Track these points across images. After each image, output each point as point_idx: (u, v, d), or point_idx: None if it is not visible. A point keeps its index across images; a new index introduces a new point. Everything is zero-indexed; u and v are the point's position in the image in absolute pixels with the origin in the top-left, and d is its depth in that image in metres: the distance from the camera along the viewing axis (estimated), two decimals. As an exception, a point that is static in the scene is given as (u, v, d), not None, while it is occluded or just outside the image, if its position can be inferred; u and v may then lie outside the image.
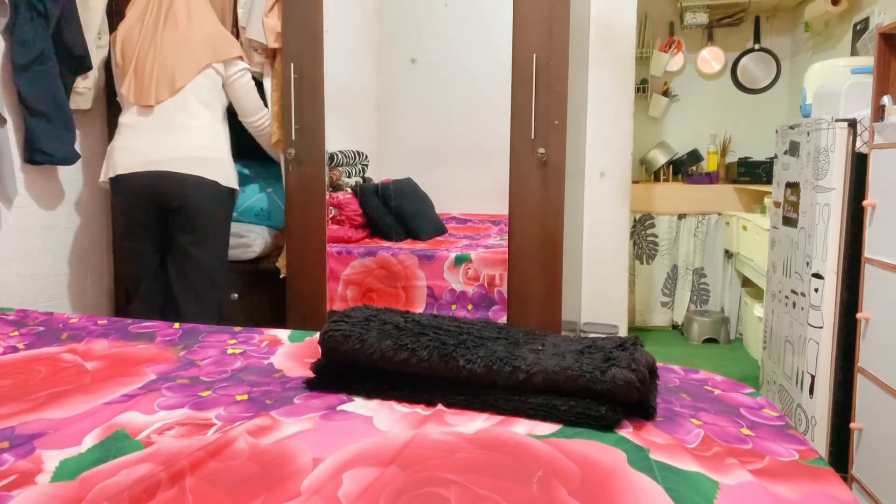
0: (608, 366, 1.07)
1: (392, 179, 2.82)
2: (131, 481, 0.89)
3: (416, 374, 1.17)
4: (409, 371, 1.18)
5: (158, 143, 2.20)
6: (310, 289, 2.42)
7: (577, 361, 1.10)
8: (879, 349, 1.79)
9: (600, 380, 1.06)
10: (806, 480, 0.92)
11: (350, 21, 2.86)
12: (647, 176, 4.11)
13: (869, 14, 2.94)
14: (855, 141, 2.01)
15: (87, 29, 2.35)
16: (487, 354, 1.14)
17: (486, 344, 1.18)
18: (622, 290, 2.79)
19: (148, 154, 2.19)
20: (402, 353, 1.17)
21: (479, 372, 1.13)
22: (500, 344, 1.19)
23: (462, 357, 1.14)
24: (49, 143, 2.22)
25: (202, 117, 2.25)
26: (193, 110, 2.23)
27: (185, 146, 2.20)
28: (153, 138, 2.21)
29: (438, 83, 2.91)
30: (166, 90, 2.21)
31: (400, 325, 1.24)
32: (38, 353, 1.51)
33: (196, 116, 2.24)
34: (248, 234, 2.58)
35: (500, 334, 1.24)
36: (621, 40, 2.69)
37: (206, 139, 2.25)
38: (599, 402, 1.06)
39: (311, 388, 1.25)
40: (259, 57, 2.42)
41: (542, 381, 1.10)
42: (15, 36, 2.11)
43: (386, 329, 1.22)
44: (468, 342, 1.18)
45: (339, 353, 1.23)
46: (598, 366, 1.08)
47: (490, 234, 2.79)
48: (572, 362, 1.10)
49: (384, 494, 0.85)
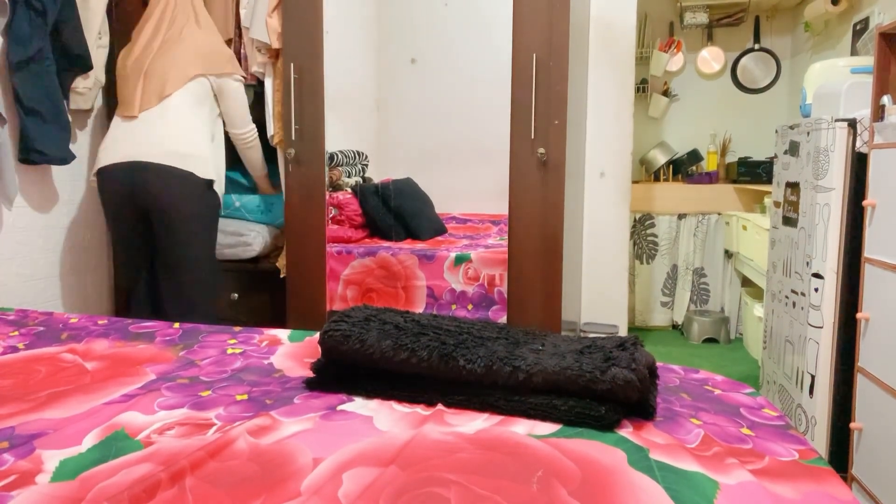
0: (608, 365, 1.07)
1: (392, 179, 2.82)
2: (131, 481, 0.89)
3: (416, 374, 1.18)
4: (408, 371, 1.18)
5: (138, 138, 2.23)
6: (310, 289, 2.42)
7: (577, 361, 1.10)
8: (879, 349, 1.79)
9: (600, 379, 1.05)
10: (806, 480, 0.92)
11: (350, 21, 2.86)
12: (647, 176, 4.11)
13: (869, 14, 2.94)
14: (855, 141, 2.01)
15: (87, 29, 2.35)
16: (487, 354, 1.14)
17: (486, 344, 1.18)
18: (622, 290, 2.79)
19: (126, 148, 2.23)
20: (402, 353, 1.17)
21: (479, 372, 1.13)
22: (500, 344, 1.19)
23: (462, 357, 1.14)
24: (44, 143, 2.21)
25: (186, 119, 2.27)
26: (179, 113, 2.26)
27: (163, 141, 2.22)
28: (135, 134, 2.24)
29: (438, 83, 2.91)
30: (155, 98, 2.24)
31: (400, 324, 1.24)
32: (38, 353, 1.51)
33: (180, 118, 2.26)
34: (247, 233, 2.58)
35: (500, 334, 1.24)
36: (621, 40, 2.69)
37: (185, 136, 2.26)
38: (599, 402, 1.06)
39: (311, 388, 1.25)
40: (262, 57, 2.43)
41: (542, 380, 1.10)
42: (12, 34, 2.11)
43: (386, 329, 1.22)
44: (468, 342, 1.18)
45: (338, 352, 1.23)
46: (598, 365, 1.08)
47: (490, 234, 2.79)
48: (572, 362, 1.10)
49: (384, 494, 0.85)
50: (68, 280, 2.49)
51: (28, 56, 2.13)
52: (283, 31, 2.35)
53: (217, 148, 2.37)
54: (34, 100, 2.18)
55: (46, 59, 2.19)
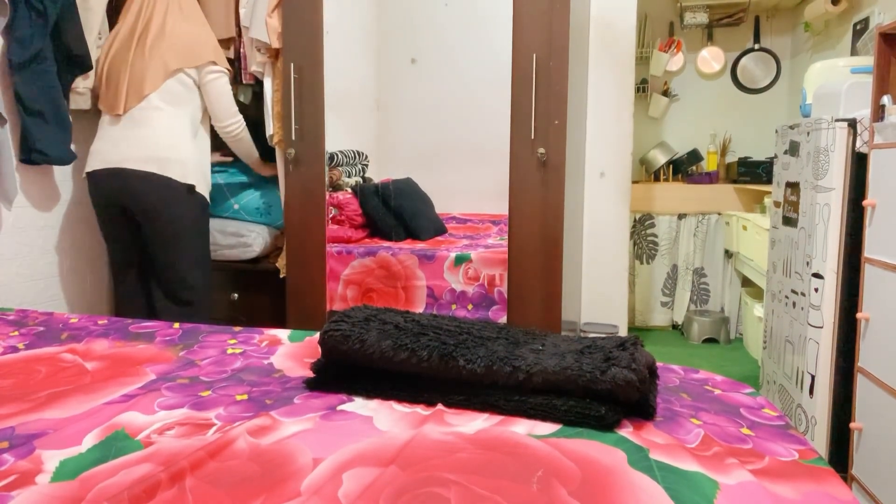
0: (608, 366, 1.07)
1: (392, 179, 2.82)
2: (131, 481, 0.89)
3: (416, 374, 1.18)
4: (408, 371, 1.18)
5: (119, 143, 2.23)
6: (310, 289, 2.42)
7: (578, 361, 1.10)
8: (879, 349, 1.79)
9: (600, 379, 1.06)
10: (806, 480, 0.92)
11: (350, 21, 2.86)
12: (647, 176, 4.11)
13: (869, 14, 2.94)
14: (855, 141, 2.01)
15: (87, 29, 2.35)
16: (487, 354, 1.14)
17: (486, 344, 1.18)
18: (622, 290, 2.79)
19: (108, 153, 2.24)
20: (402, 353, 1.17)
21: (479, 372, 1.13)
22: (500, 344, 1.19)
23: (462, 357, 1.14)
24: (45, 143, 2.22)
25: (167, 119, 2.25)
26: (160, 113, 2.24)
27: (143, 145, 2.21)
28: (117, 139, 2.24)
29: (438, 83, 2.91)
30: (135, 97, 2.23)
31: (400, 324, 1.24)
32: (38, 353, 1.51)
33: (161, 118, 2.24)
34: (247, 234, 2.58)
35: (500, 334, 1.24)
36: (621, 40, 2.69)
37: (166, 139, 2.24)
38: (599, 402, 1.06)
39: (311, 388, 1.25)
40: (261, 57, 2.42)
41: (542, 380, 1.10)
42: (13, 34, 2.11)
43: (386, 329, 1.22)
44: (468, 342, 1.18)
45: (339, 352, 1.23)
46: (597, 366, 1.08)
47: (490, 234, 2.79)
48: (572, 362, 1.10)
49: (384, 494, 0.85)
50: (68, 280, 2.49)
51: (29, 56, 2.13)
52: (283, 31, 2.35)
53: (200, 147, 2.34)
54: (35, 100, 2.18)
55: (47, 59, 2.19)
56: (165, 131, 2.24)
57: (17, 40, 2.11)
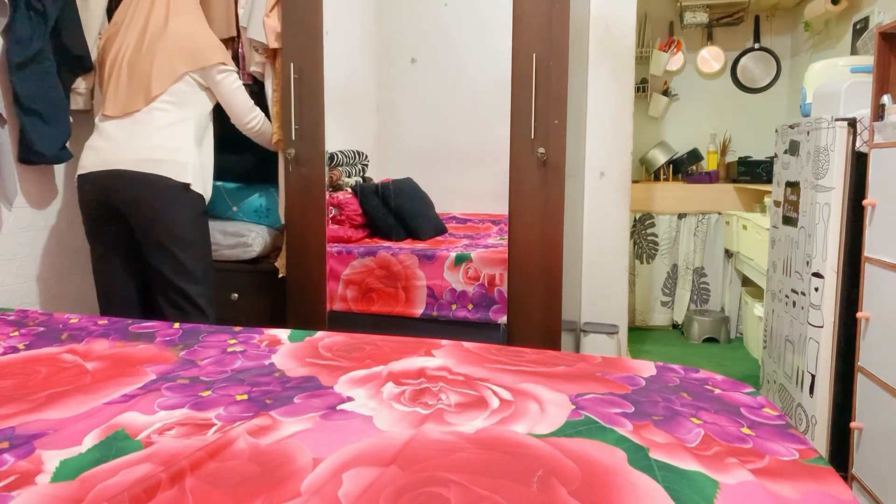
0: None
1: (392, 179, 2.82)
2: (131, 481, 0.89)
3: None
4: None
5: (118, 144, 2.15)
6: (310, 289, 2.42)
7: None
8: (879, 348, 1.79)
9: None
10: (806, 480, 0.92)
11: (350, 21, 2.86)
12: (647, 175, 4.11)
13: (869, 13, 2.94)
14: (855, 140, 2.01)
15: (87, 29, 2.35)
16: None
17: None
18: (622, 290, 2.79)
19: (105, 154, 2.14)
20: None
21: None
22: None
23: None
24: (44, 144, 2.21)
25: (171, 121, 2.18)
26: (164, 114, 2.17)
27: (143, 147, 2.13)
28: (116, 139, 2.16)
29: (438, 83, 2.90)
30: (142, 99, 2.16)
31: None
32: (38, 353, 1.51)
33: (164, 120, 2.17)
34: (247, 234, 2.58)
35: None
36: (621, 40, 2.69)
37: (167, 141, 2.16)
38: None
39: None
40: (259, 57, 2.42)
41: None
42: (12, 34, 2.11)
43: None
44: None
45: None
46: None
47: (490, 234, 2.79)
48: None
49: (384, 494, 0.85)
50: (69, 280, 2.49)
51: (28, 56, 2.14)
52: (282, 31, 2.35)
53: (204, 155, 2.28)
54: (34, 100, 2.18)
55: (46, 59, 2.19)
56: (169, 134, 2.17)
57: (17, 40, 2.12)
